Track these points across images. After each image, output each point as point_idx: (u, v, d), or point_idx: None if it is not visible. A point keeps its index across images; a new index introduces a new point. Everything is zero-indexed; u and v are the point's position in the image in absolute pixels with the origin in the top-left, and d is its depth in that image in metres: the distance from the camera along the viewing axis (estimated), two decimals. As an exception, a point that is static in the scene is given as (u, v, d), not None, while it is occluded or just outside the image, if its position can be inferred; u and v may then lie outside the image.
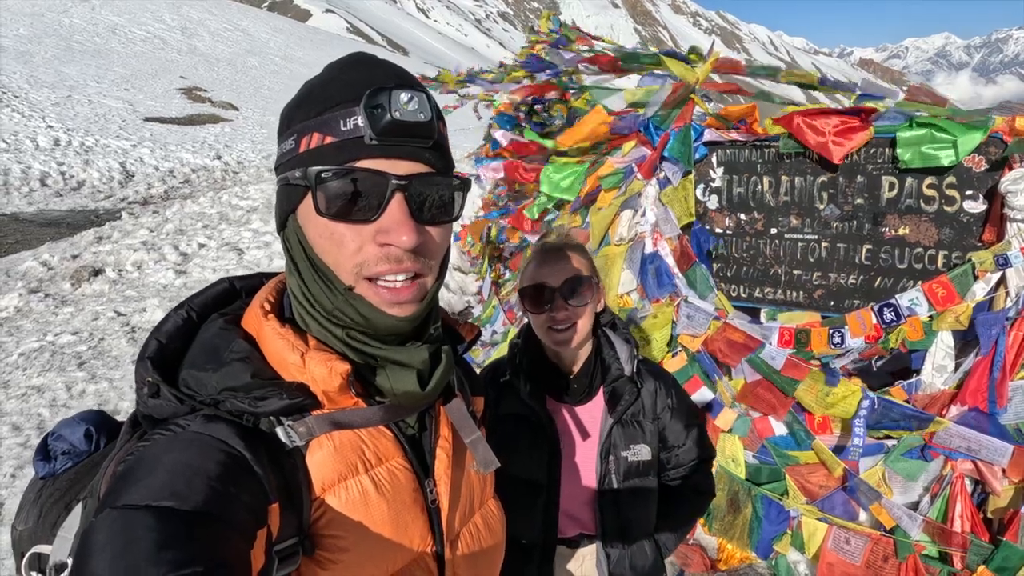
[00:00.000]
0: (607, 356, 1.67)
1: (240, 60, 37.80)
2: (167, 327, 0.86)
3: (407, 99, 0.78)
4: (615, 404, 1.63)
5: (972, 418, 2.67)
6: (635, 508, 1.65)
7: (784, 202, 3.24)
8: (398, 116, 0.77)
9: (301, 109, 0.83)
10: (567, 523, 1.67)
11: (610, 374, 1.65)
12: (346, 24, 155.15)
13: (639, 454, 1.65)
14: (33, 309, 7.22)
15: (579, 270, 1.58)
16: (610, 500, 1.64)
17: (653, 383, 1.71)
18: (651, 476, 1.69)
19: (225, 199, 12.22)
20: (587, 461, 1.65)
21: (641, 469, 1.66)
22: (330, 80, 0.83)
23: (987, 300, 2.71)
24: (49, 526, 0.91)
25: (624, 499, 1.64)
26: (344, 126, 0.78)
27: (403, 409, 0.89)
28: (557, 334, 1.57)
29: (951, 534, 2.69)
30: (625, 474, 1.64)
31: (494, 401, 1.64)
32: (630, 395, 1.64)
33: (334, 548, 0.81)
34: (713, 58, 3.35)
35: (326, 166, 0.78)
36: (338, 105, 0.79)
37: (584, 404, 1.67)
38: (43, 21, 32.05)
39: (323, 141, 0.79)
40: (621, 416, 1.64)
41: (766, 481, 3.14)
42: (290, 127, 0.83)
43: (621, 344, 1.69)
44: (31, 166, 14.37)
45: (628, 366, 1.65)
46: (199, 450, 0.72)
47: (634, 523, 1.66)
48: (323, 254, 0.82)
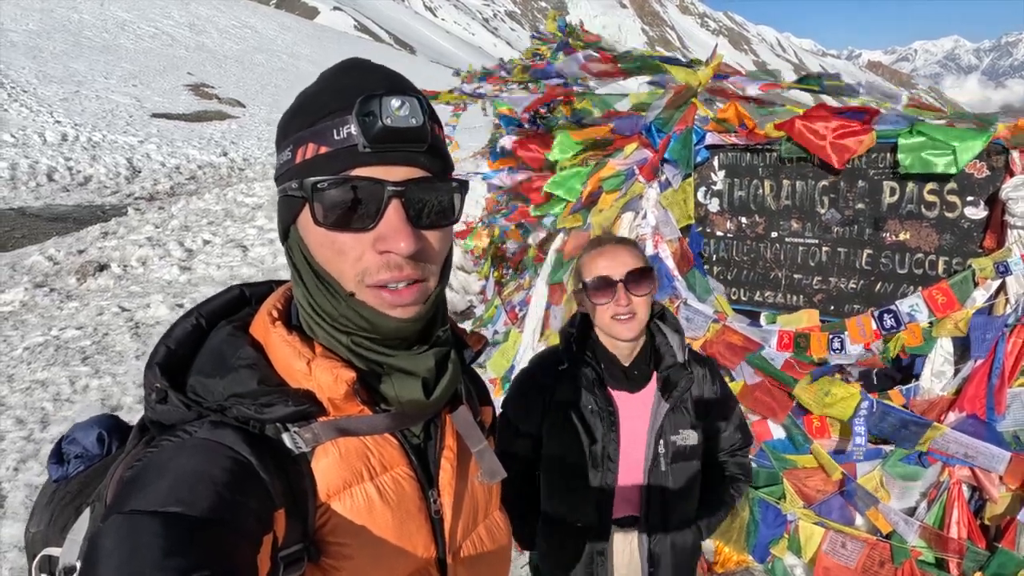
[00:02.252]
0: (660, 344, 1.75)
1: (247, 57, 37.91)
2: (176, 333, 0.87)
3: (398, 105, 0.78)
4: (669, 390, 1.70)
5: (970, 425, 2.67)
6: (680, 491, 1.73)
7: (785, 206, 3.24)
8: (389, 123, 0.77)
9: (296, 119, 0.83)
10: (619, 504, 1.74)
11: (664, 361, 1.73)
12: (353, 22, 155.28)
13: (687, 439, 1.73)
14: (38, 303, 7.27)
15: (639, 262, 1.68)
16: (658, 483, 1.71)
17: (701, 371, 1.80)
18: (696, 461, 1.76)
19: (230, 196, 12.27)
20: (639, 445, 1.72)
21: (688, 453, 1.73)
22: (322, 89, 0.83)
23: (987, 307, 2.70)
24: (59, 529, 0.92)
25: (671, 482, 1.72)
26: (337, 135, 0.78)
27: (409, 417, 0.89)
28: (621, 324, 1.65)
29: (947, 540, 2.69)
30: (673, 458, 1.71)
31: (551, 388, 1.75)
32: (686, 381, 1.71)
33: (338, 555, 0.81)
34: (716, 61, 3.36)
35: (321, 176, 0.78)
36: (331, 114, 0.79)
37: (639, 391, 1.74)
38: (52, 16, 32.21)
39: (318, 151, 0.79)
40: (676, 403, 1.72)
41: (763, 485, 3.14)
42: (286, 138, 0.84)
43: (672, 333, 1.76)
44: (38, 161, 14.47)
45: (680, 353, 1.72)
46: (205, 456, 0.72)
47: (678, 505, 1.74)
48: (325, 263, 0.82)
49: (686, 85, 3.33)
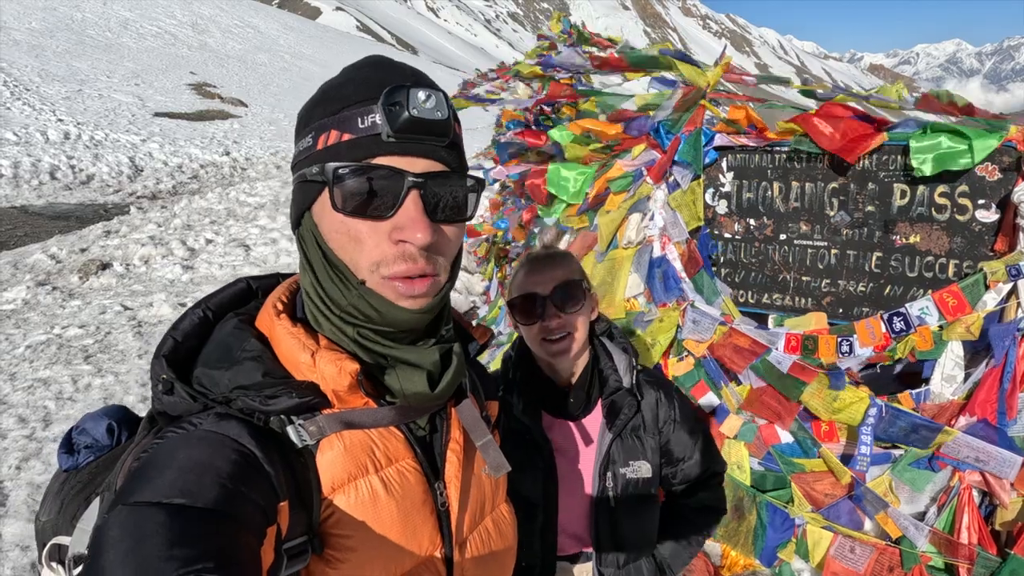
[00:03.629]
0: (604, 367, 1.60)
1: (250, 57, 37.96)
2: (183, 325, 0.87)
3: (425, 97, 0.78)
4: (614, 418, 1.55)
5: (981, 429, 2.65)
6: (633, 526, 1.59)
7: (794, 208, 3.22)
8: (416, 113, 0.77)
9: (319, 107, 0.83)
10: (566, 541, 1.60)
11: (608, 386, 1.58)
12: (356, 22, 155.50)
13: (638, 471, 1.58)
14: (41, 302, 7.26)
15: (569, 276, 1.52)
16: (607, 518, 1.57)
17: (654, 394, 1.64)
18: (651, 493, 1.62)
19: (233, 195, 12.26)
20: (585, 478, 1.58)
21: (640, 486, 1.58)
22: (348, 80, 0.83)
23: (998, 310, 2.68)
24: (69, 518, 0.93)
25: (621, 517, 1.57)
26: (362, 123, 0.78)
27: (413, 410, 0.89)
28: (551, 345, 1.50)
29: (958, 546, 2.67)
30: (623, 491, 1.56)
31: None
32: (629, 408, 1.56)
33: (342, 547, 0.81)
34: (725, 62, 3.34)
35: (343, 162, 0.78)
36: (356, 103, 0.80)
37: (582, 419, 1.59)
38: (55, 15, 32.26)
39: (341, 138, 0.79)
40: (620, 431, 1.57)
41: (771, 488, 3.12)
42: (308, 125, 0.84)
43: (619, 354, 1.61)
44: (41, 159, 14.47)
45: (626, 377, 1.58)
46: (210, 448, 0.73)
47: (631, 541, 1.59)
48: (339, 251, 0.82)
49: (695, 87, 3.31)
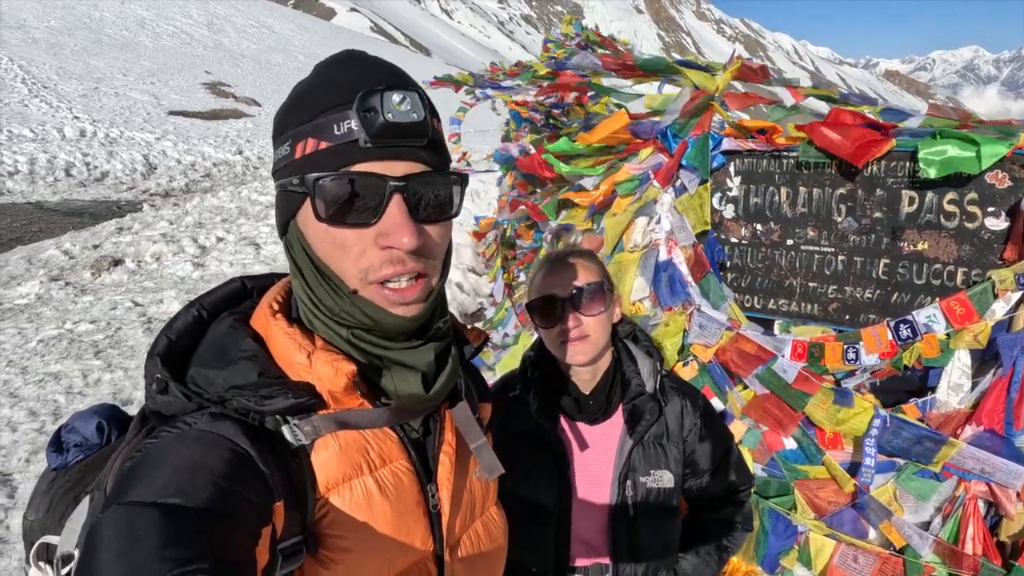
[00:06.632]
0: (627, 371, 1.55)
1: (264, 57, 38.21)
2: (177, 324, 0.87)
3: (399, 99, 0.78)
4: (635, 423, 1.50)
5: (987, 439, 2.62)
6: (652, 538, 1.53)
7: (801, 213, 3.20)
8: (391, 118, 0.77)
9: (293, 113, 0.82)
10: (580, 550, 1.54)
11: (630, 390, 1.53)
12: (370, 23, 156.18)
13: (660, 480, 1.52)
14: (53, 297, 7.34)
15: (589, 277, 1.47)
16: (624, 529, 1.50)
17: (679, 402, 1.58)
18: (673, 504, 1.56)
19: (244, 194, 12.34)
20: (603, 485, 1.52)
21: (661, 497, 1.52)
22: (320, 82, 0.82)
23: (1006, 320, 2.66)
24: (58, 517, 0.92)
25: (640, 528, 1.51)
26: (338, 130, 0.78)
27: (408, 411, 0.89)
28: (570, 347, 1.46)
29: (962, 556, 2.64)
30: (643, 501, 1.50)
31: (502, 417, 1.49)
32: (651, 414, 1.51)
33: (337, 547, 0.81)
34: (735, 67, 3.33)
35: (322, 172, 0.77)
36: (330, 108, 0.79)
37: (601, 423, 1.54)
38: (74, 14, 32.62)
39: (318, 146, 0.79)
40: (642, 437, 1.52)
41: (774, 495, 3.10)
42: (284, 132, 0.83)
43: (643, 357, 1.57)
44: (57, 156, 14.63)
45: (650, 382, 1.53)
46: (205, 448, 0.73)
47: (650, 553, 1.53)
48: (327, 259, 0.82)
49: (704, 91, 3.31)
